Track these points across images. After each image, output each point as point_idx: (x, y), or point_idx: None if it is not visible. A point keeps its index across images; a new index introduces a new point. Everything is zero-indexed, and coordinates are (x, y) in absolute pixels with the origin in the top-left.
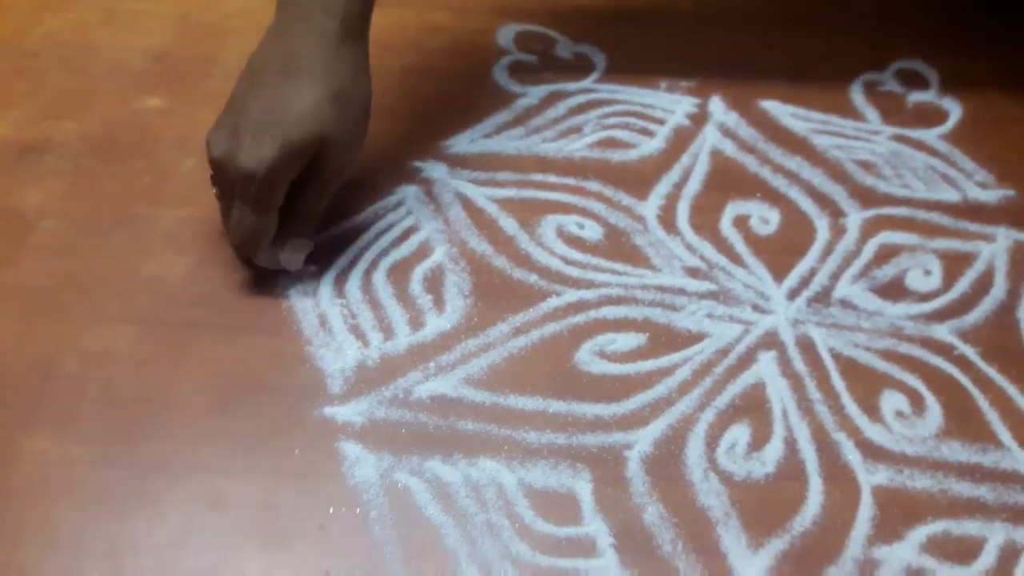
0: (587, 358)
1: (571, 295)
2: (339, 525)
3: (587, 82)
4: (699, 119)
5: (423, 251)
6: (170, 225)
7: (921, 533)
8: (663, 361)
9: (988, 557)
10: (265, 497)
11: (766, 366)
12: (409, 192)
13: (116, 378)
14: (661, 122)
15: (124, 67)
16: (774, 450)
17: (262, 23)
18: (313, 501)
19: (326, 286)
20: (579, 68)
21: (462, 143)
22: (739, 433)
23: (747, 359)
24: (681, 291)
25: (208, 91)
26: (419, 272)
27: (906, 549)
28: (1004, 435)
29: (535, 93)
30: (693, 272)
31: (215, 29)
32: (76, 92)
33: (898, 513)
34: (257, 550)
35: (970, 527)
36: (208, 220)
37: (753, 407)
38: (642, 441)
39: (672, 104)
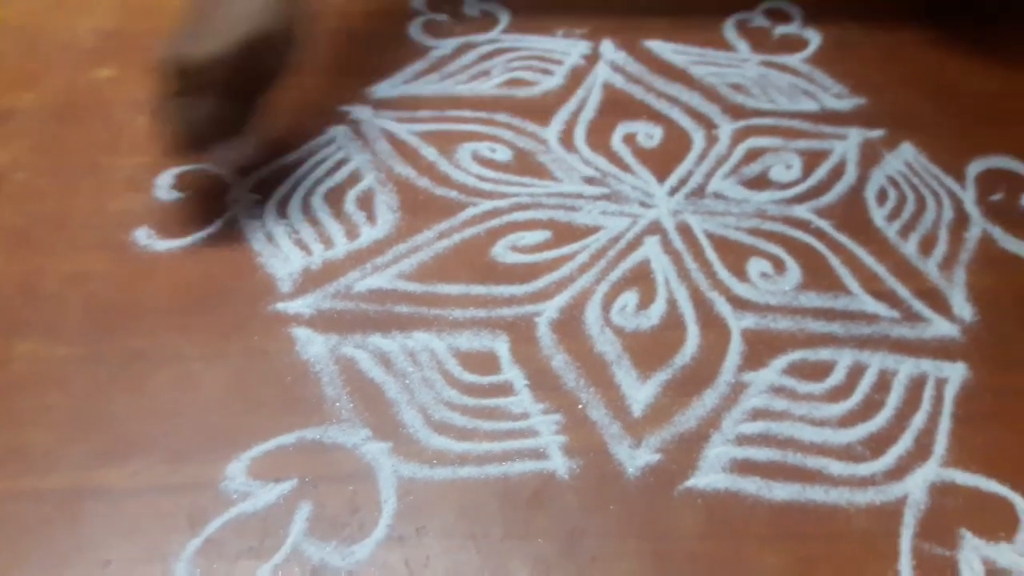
0: (502, 252)
1: (486, 204)
2: (297, 391)
3: (493, 33)
4: (592, 59)
5: (354, 178)
6: (129, 171)
7: (783, 361)
8: (565, 250)
9: (838, 375)
10: (233, 375)
11: (651, 247)
12: (339, 131)
13: (93, 292)
14: (559, 63)
15: (76, 45)
16: (658, 308)
17: None
18: (273, 374)
19: (270, 210)
20: (485, 23)
21: (384, 89)
22: (629, 298)
23: (635, 243)
24: (579, 195)
25: (153, 60)
26: (352, 195)
27: (770, 373)
28: (852, 285)
29: (447, 45)
30: (589, 180)
31: (156, 6)
32: (34, 69)
33: (763, 348)
34: (231, 417)
35: (824, 354)
36: (160, 166)
37: (640, 278)
38: (549, 309)
39: (568, 48)
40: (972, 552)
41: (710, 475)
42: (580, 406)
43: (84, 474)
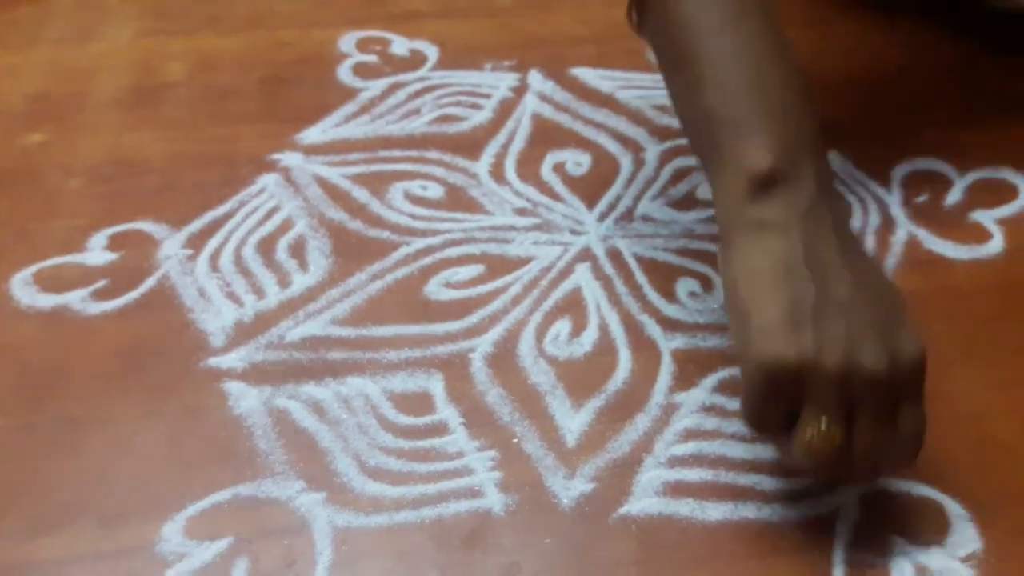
0: (435, 289)
1: (419, 243)
2: (231, 446)
3: (422, 71)
4: (520, 90)
5: (286, 226)
6: (62, 234)
7: (713, 379)
8: (499, 282)
9: None
10: (167, 434)
11: (582, 274)
12: (269, 179)
13: (25, 360)
14: (488, 96)
15: (6, 111)
16: (590, 335)
17: (127, 59)
18: (207, 431)
19: (202, 265)
20: (414, 62)
21: (314, 134)
22: (561, 326)
23: (567, 271)
24: (511, 227)
25: (86, 122)
26: (283, 242)
27: (700, 392)
28: None
29: (376, 86)
30: (521, 211)
31: (84, 69)
32: None
33: (693, 367)
34: (166, 477)
35: None
36: (93, 227)
37: (572, 306)
38: (483, 344)
39: (497, 81)
40: (904, 559)
41: (643, 500)
42: (515, 440)
43: (18, 548)
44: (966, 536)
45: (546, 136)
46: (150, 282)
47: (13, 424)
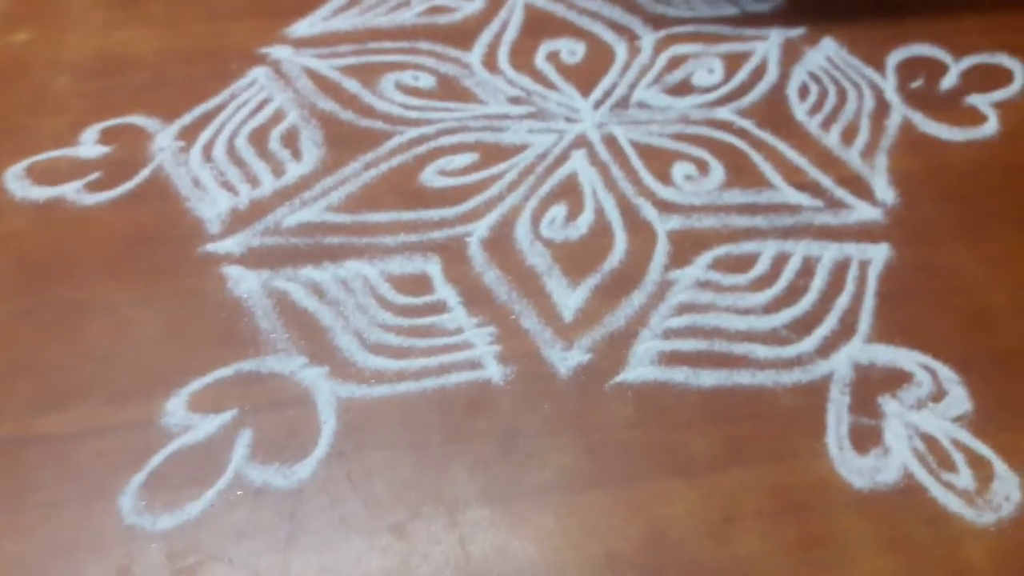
0: (430, 177)
1: (413, 132)
2: (232, 326)
3: None
4: None
5: (278, 117)
6: (53, 129)
7: (708, 257)
8: (494, 170)
9: (762, 265)
10: (167, 316)
11: (578, 161)
12: (260, 72)
13: (24, 249)
14: None
15: None
16: (586, 218)
17: None
18: (207, 312)
19: (195, 156)
20: None
21: (302, 28)
22: (557, 211)
23: (562, 158)
24: (505, 116)
25: (71, 20)
26: (276, 133)
27: (695, 270)
28: (775, 179)
29: None
30: (515, 100)
31: None
32: None
33: (688, 246)
34: (168, 356)
35: (747, 247)
36: (84, 123)
37: (568, 191)
38: (480, 228)
39: None
40: (896, 420)
41: (639, 369)
42: (513, 316)
43: (25, 423)
44: (957, 398)
45: (540, 25)
46: (144, 173)
47: (13, 309)
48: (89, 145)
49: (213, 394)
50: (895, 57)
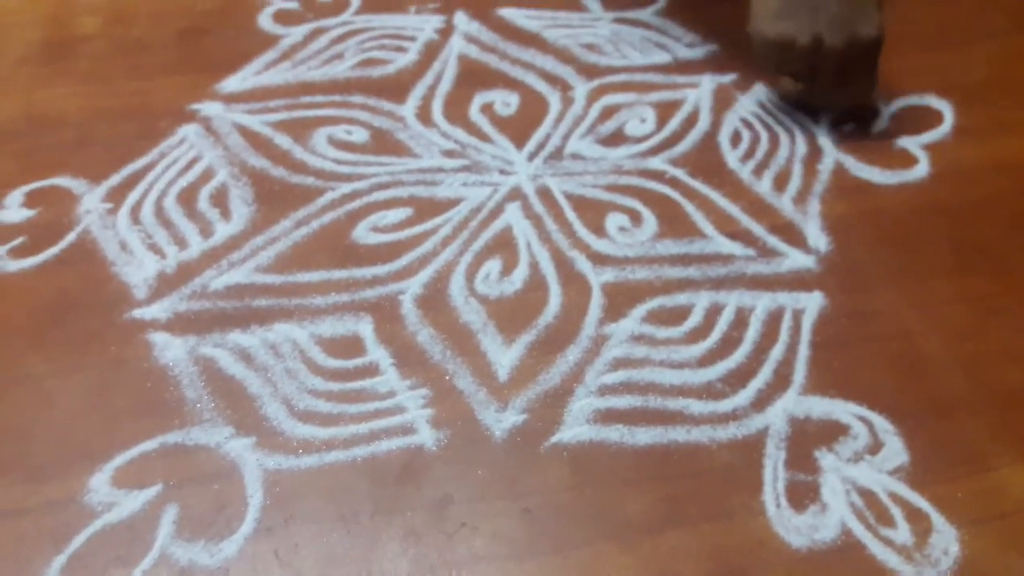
0: (363, 234)
1: (345, 187)
2: (157, 396)
3: (345, 16)
4: (446, 32)
5: (207, 175)
6: None
7: (642, 310)
8: (428, 225)
9: (696, 317)
10: (90, 387)
11: (512, 214)
12: (189, 130)
13: None
14: (413, 39)
15: None
16: (521, 273)
17: (37, 13)
18: (131, 382)
19: (123, 217)
20: (337, 6)
21: (234, 83)
22: (492, 266)
23: (496, 212)
24: (439, 169)
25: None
26: (205, 192)
27: (630, 323)
28: (707, 228)
29: (298, 32)
30: (449, 153)
31: None
32: None
33: (622, 299)
34: (91, 429)
35: (681, 298)
36: (9, 185)
37: (503, 245)
38: (413, 285)
39: (421, 23)
40: (833, 475)
41: (575, 428)
42: (447, 377)
43: None
44: (893, 450)
45: (473, 77)
46: (70, 237)
47: None
48: (14, 208)
49: (137, 469)
50: None
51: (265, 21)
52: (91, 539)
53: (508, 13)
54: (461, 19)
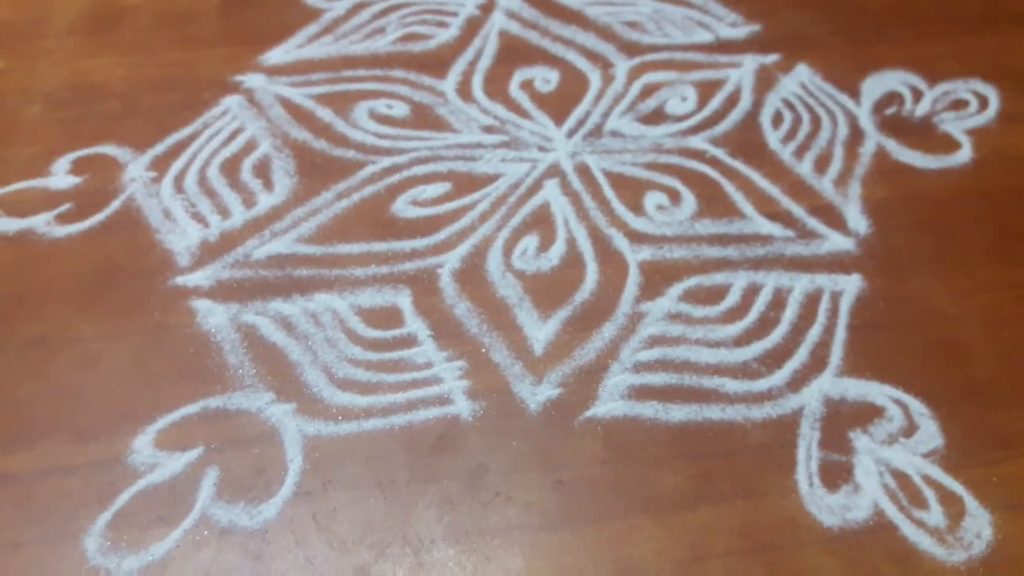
0: (402, 207)
1: (385, 161)
2: (199, 361)
3: None
4: (487, 7)
5: (250, 146)
6: (24, 160)
7: (679, 288)
8: (466, 200)
9: (733, 296)
10: (134, 352)
11: (550, 190)
12: (233, 101)
13: None
14: (454, 15)
15: None
16: (558, 249)
17: None
18: (174, 347)
19: (167, 187)
20: None
21: (277, 55)
22: (529, 242)
23: (534, 188)
24: (478, 145)
25: (44, 48)
26: (248, 163)
27: (666, 301)
28: (747, 208)
29: (340, 6)
30: (488, 129)
31: None
32: None
33: (659, 278)
34: (135, 392)
35: (718, 278)
36: (56, 153)
37: (540, 221)
38: (451, 259)
39: None
40: (867, 456)
41: (609, 403)
42: (483, 350)
43: None
44: (928, 433)
45: (514, 53)
46: (115, 204)
47: None
48: (60, 176)
49: (180, 431)
50: (869, 84)
51: None
52: (134, 498)
53: None
54: None
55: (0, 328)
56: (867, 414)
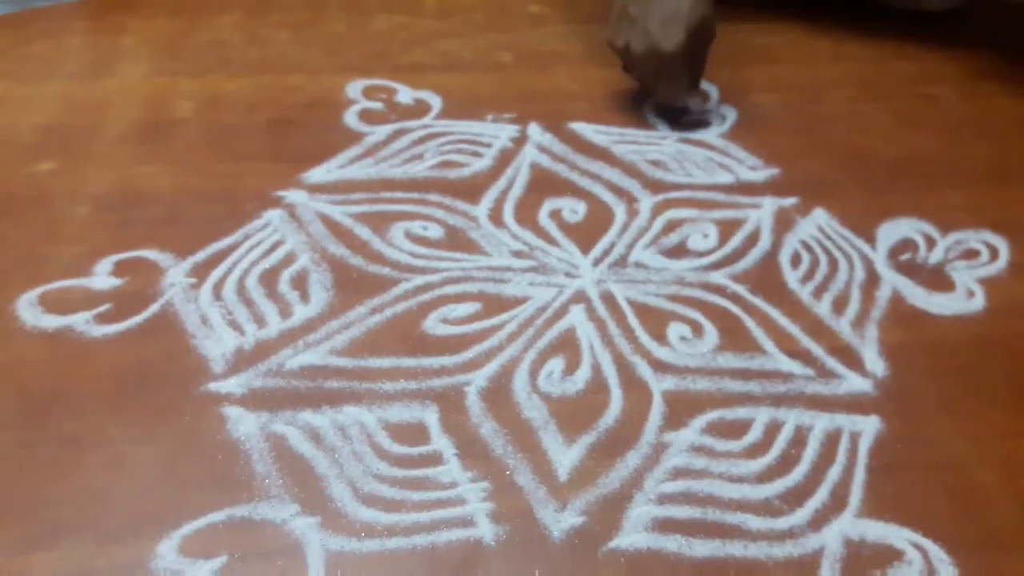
0: (433, 324)
1: (418, 279)
2: (227, 469)
3: (426, 120)
4: (520, 141)
5: (289, 259)
6: (68, 259)
7: (702, 420)
8: (495, 320)
9: (756, 432)
10: (164, 455)
11: (576, 315)
12: (275, 215)
13: (28, 379)
14: (489, 146)
15: (17, 140)
16: (583, 374)
17: (138, 95)
18: (204, 453)
19: (205, 293)
20: (419, 110)
21: (319, 174)
22: (555, 364)
23: (561, 312)
24: (508, 268)
25: (95, 153)
26: (286, 275)
27: (690, 433)
28: (768, 345)
29: (381, 131)
30: (517, 254)
31: (96, 103)
32: None
33: (683, 408)
34: (162, 496)
35: (741, 412)
36: (99, 253)
37: (566, 345)
38: (478, 378)
39: (497, 131)
40: None
41: (633, 535)
42: (507, 472)
43: (13, 560)
44: None
45: (544, 184)
46: (154, 308)
47: (14, 439)
48: (103, 276)
49: (205, 539)
50: (885, 230)
51: (351, 118)
52: None
53: (579, 127)
54: (535, 130)
55: (32, 424)
56: (887, 556)
